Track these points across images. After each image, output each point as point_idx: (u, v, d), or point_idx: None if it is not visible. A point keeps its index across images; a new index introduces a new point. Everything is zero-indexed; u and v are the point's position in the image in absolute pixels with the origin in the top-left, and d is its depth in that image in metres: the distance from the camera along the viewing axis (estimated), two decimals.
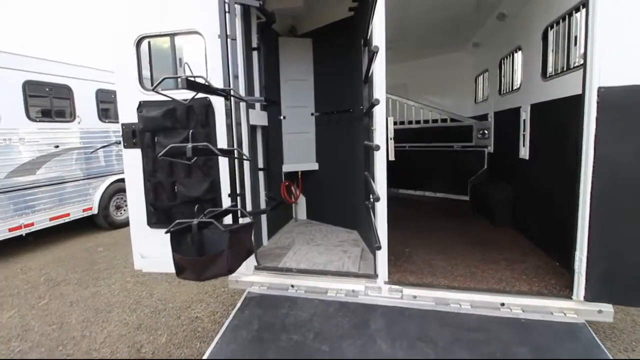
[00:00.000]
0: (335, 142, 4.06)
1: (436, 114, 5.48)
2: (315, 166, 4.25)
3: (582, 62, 2.29)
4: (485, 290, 2.43)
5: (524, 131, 3.56)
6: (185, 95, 2.37)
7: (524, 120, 3.56)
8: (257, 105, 3.32)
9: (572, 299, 2.27)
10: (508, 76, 4.30)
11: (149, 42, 2.93)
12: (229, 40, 2.49)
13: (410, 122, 5.77)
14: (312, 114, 4.20)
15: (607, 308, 2.18)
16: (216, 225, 1.92)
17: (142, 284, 3.92)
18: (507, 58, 4.32)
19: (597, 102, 2.04)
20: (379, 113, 2.46)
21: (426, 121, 5.61)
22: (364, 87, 2.81)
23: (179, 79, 1.88)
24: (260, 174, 3.42)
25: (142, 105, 2.82)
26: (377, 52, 2.09)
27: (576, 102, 2.18)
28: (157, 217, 2.88)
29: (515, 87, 4.01)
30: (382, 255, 2.58)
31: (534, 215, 3.32)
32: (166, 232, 1.96)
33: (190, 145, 1.86)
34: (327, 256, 3.13)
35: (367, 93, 2.54)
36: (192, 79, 2.02)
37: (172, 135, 2.72)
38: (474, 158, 4.98)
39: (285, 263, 3.01)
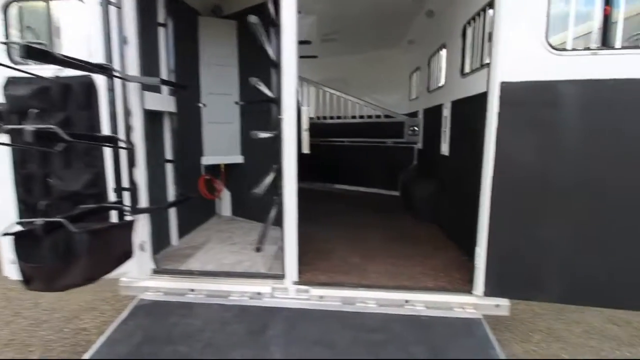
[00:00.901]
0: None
1: (371, 110, 5.46)
2: (240, 159, 3.97)
3: None
4: (393, 287, 2.37)
5: (444, 128, 3.61)
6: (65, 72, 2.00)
7: (445, 117, 3.61)
8: (165, 89, 2.97)
9: (472, 293, 2.28)
10: (436, 74, 4.37)
11: (19, 7, 2.46)
12: (110, 7, 2.13)
13: (352, 117, 5.70)
14: (236, 103, 3.91)
15: (504, 302, 2.21)
16: (66, 225, 1.59)
17: (28, 292, 3.36)
18: (434, 55, 4.38)
19: (499, 97, 2.03)
20: (288, 101, 2.27)
21: (362, 117, 5.58)
22: (273, 71, 2.61)
23: (18, 47, 1.52)
24: (169, 167, 3.08)
25: (9, 82, 2.35)
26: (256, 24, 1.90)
27: (485, 99, 2.17)
28: (29, 215, 2.43)
29: (440, 85, 4.07)
30: (291, 254, 2.41)
31: (450, 210, 3.37)
32: (4, 235, 1.59)
33: (31, 127, 1.51)
34: (239, 256, 2.89)
35: (277, 79, 2.34)
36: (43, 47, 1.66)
37: (44, 118, 2.29)
38: (405, 154, 5.04)
39: (190, 265, 2.72)
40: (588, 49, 1.99)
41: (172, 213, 3.15)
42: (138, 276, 2.50)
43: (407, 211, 4.38)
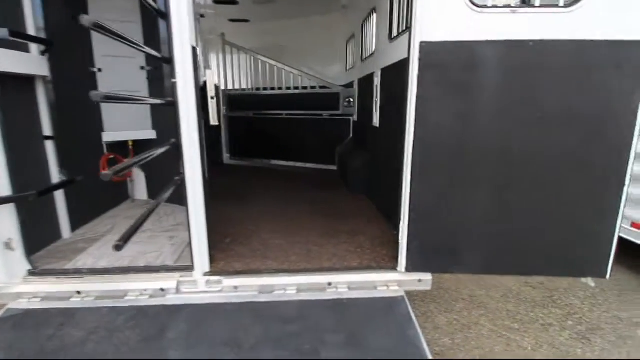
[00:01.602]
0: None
1: (306, 81, 5.13)
2: (151, 134, 3.46)
3: None
4: (315, 270, 2.19)
5: (376, 97, 3.43)
6: None
7: (376, 86, 3.42)
8: (34, 47, 2.36)
9: (396, 270, 2.18)
10: (368, 40, 4.13)
11: None
12: None
13: (287, 88, 5.30)
14: (142, 68, 3.34)
15: (426, 277, 2.14)
16: None
17: None
18: (367, 21, 4.13)
19: (419, 59, 1.84)
20: (181, 60, 1.87)
21: (296, 88, 5.23)
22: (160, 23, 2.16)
23: None
24: (49, 146, 2.52)
25: None
26: None
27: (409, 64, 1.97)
28: None
29: (372, 52, 3.85)
30: (199, 242, 2.10)
31: (380, 182, 3.27)
32: None
33: None
34: (144, 246, 2.51)
35: (167, 34, 1.91)
36: None
37: None
38: (341, 127, 4.85)
39: (80, 262, 2.29)
40: (508, 6, 1.86)
41: (60, 200, 2.62)
42: (6, 281, 2.03)
43: (343, 186, 4.24)
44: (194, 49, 1.88)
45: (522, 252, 2.05)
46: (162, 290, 2.08)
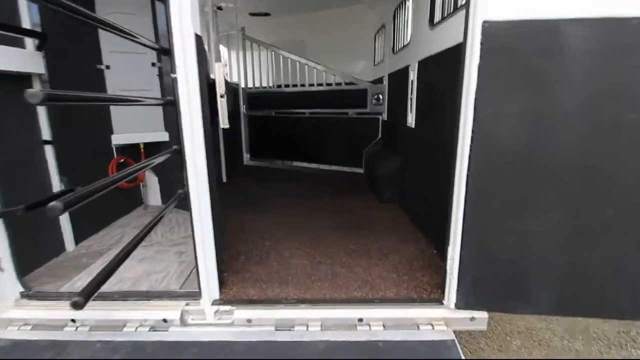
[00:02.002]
0: None
1: (331, 76, 4.76)
2: (164, 136, 3.21)
3: None
4: (343, 301, 1.83)
5: (411, 94, 3.01)
6: None
7: (412, 81, 3.00)
8: (29, 42, 2.13)
9: (442, 304, 1.79)
10: (401, 30, 3.70)
11: None
12: None
13: (310, 85, 4.95)
14: (153, 65, 3.09)
15: (481, 315, 1.73)
16: None
17: None
18: (400, 8, 3.70)
19: (481, 43, 1.43)
20: (182, 51, 1.56)
21: (320, 84, 4.86)
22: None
23: None
24: (49, 151, 2.29)
25: None
26: None
27: (461, 51, 1.56)
28: None
29: (406, 42, 3.43)
30: (207, 265, 1.79)
31: (416, 192, 2.86)
32: None
33: None
34: (150, 264, 2.24)
35: (166, 21, 1.60)
36: None
37: None
38: (369, 126, 4.44)
39: (78, 282, 2.04)
40: None
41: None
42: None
43: (370, 192, 3.85)
44: (197, 37, 1.56)
45: (605, 290, 1.60)
46: (165, 321, 1.79)
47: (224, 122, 1.89)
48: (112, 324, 1.80)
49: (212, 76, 2.61)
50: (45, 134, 2.25)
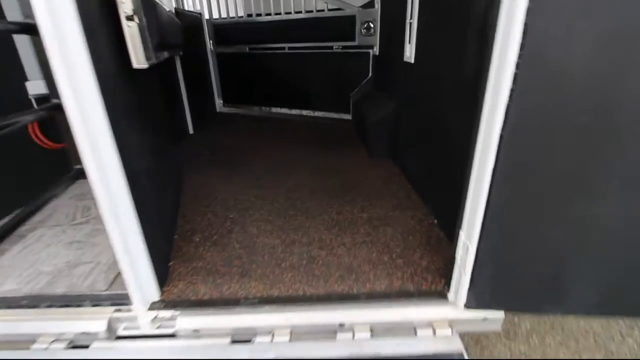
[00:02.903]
0: None
1: (311, 1, 3.88)
2: (37, 87, 2.52)
3: None
4: (320, 298, 1.42)
5: (410, 18, 2.33)
6: None
7: (411, 1, 2.30)
8: None
9: (446, 298, 1.39)
10: None
11: None
12: None
13: (285, 14, 4.07)
14: None
15: (496, 315, 1.35)
16: None
17: None
18: None
19: None
20: None
21: (299, 12, 4.00)
22: None
23: None
24: None
25: None
26: None
27: None
28: None
29: None
30: (137, 258, 1.32)
31: (415, 145, 2.34)
32: None
33: None
34: (76, 251, 1.76)
35: None
36: None
37: None
38: (358, 63, 3.73)
39: None
40: None
41: None
42: None
43: (359, 143, 3.31)
44: None
45: None
46: (86, 334, 1.37)
47: (137, 59, 1.28)
48: (19, 338, 1.39)
49: None
50: None
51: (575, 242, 1.10)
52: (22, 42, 2.26)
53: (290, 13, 4.00)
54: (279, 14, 4.06)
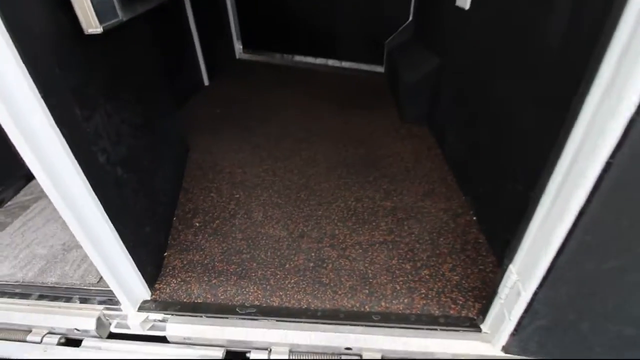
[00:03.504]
0: None
1: None
2: None
3: None
4: (326, 315, 1.22)
5: None
6: None
7: None
8: None
9: (479, 329, 1.14)
10: None
11: None
12: None
13: None
14: None
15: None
16: None
17: None
18: None
19: None
20: None
21: None
22: None
23: None
24: None
25: None
26: None
27: None
28: None
29: None
30: (117, 261, 1.17)
31: (461, 116, 1.91)
32: None
33: None
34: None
35: None
36: None
37: None
38: (396, 3, 3.08)
39: None
40: None
41: None
42: None
43: (391, 103, 2.87)
44: None
45: None
46: (78, 331, 1.29)
47: (87, 22, 0.96)
48: (15, 327, 1.34)
49: None
50: None
51: None
52: None
53: None
54: None
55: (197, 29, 3.16)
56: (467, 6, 1.74)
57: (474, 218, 1.58)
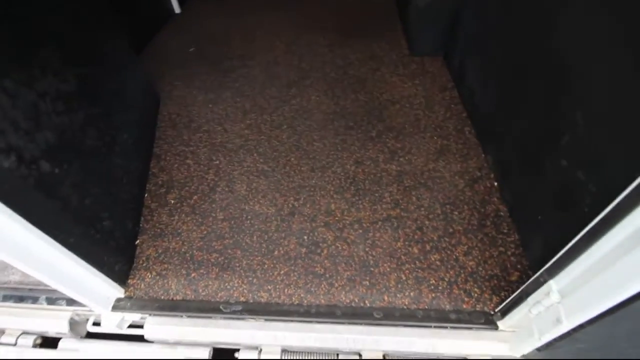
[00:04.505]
0: None
1: None
2: None
3: None
4: (321, 313, 1.07)
5: None
6: None
7: None
8: None
9: (496, 326, 0.99)
10: None
11: None
12: None
13: None
14: None
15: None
16: None
17: None
18: None
19: None
20: None
21: None
22: None
23: None
24: None
25: None
26: None
27: None
28: None
29: None
30: (67, 269, 1.00)
31: (491, 48, 1.51)
32: None
33: None
34: None
35: None
36: None
37: None
38: None
39: None
40: None
41: None
42: None
43: (399, 27, 2.37)
44: None
45: None
46: (58, 332, 1.19)
47: None
48: None
49: None
50: None
51: None
52: None
53: None
54: None
55: None
56: None
57: (495, 184, 1.33)
